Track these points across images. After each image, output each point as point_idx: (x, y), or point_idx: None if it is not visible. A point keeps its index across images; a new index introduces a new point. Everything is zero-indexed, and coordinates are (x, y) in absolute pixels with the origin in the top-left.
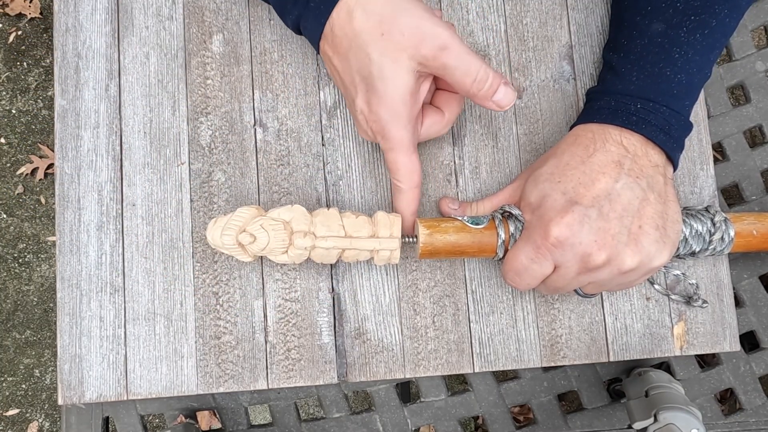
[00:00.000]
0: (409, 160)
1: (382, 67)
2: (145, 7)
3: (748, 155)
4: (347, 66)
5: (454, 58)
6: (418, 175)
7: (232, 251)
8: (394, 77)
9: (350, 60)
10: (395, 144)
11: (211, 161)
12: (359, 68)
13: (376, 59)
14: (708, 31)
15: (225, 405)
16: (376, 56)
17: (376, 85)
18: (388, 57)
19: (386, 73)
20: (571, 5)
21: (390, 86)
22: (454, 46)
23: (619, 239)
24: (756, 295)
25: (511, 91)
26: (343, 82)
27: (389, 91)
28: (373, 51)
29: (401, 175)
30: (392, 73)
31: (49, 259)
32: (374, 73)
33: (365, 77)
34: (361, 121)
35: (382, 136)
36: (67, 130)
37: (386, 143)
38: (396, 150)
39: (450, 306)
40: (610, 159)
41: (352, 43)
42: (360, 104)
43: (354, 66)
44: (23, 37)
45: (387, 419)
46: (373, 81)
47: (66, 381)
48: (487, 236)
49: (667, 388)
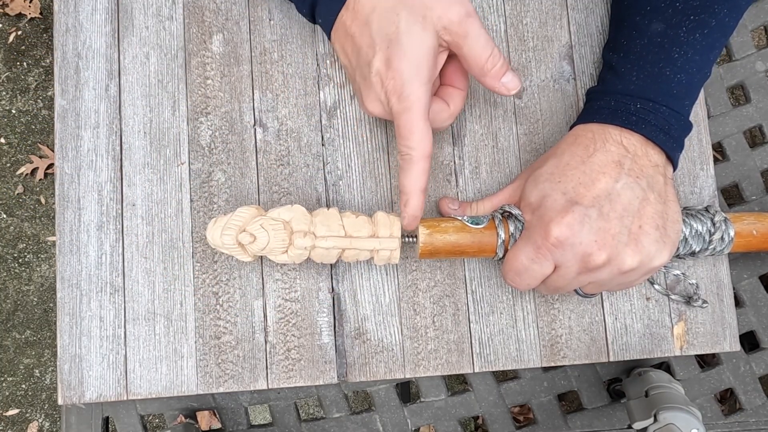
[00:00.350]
0: (424, 123)
1: (409, 23)
2: (145, 7)
3: (748, 155)
4: (367, 29)
5: (477, 29)
6: (431, 143)
7: (232, 251)
8: (421, 34)
9: (372, 22)
10: (413, 102)
11: (211, 161)
12: (382, 26)
13: (404, 16)
14: (707, 31)
15: (225, 405)
16: (405, 14)
17: (402, 40)
18: (417, 15)
19: (413, 29)
20: (571, 5)
21: (415, 41)
22: (477, 18)
23: (619, 239)
24: (756, 295)
25: (517, 78)
26: (359, 49)
27: (414, 46)
28: (402, 9)
29: (415, 140)
30: (419, 30)
31: (49, 259)
32: (401, 28)
33: (388, 34)
34: (375, 83)
35: (398, 95)
36: (67, 130)
37: (401, 103)
38: (413, 110)
39: (450, 306)
40: (611, 159)
41: (378, 5)
42: (377, 64)
43: (376, 26)
44: (23, 37)
45: (387, 419)
46: (399, 36)
47: (66, 381)
48: (487, 236)
49: (667, 388)
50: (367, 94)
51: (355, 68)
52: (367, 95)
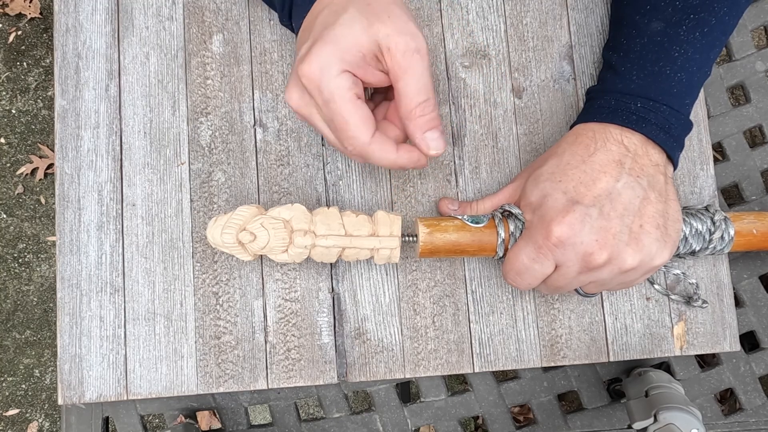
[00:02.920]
0: (353, 105)
1: (352, 19)
2: (145, 7)
3: (748, 155)
4: (312, 22)
5: (421, 69)
6: (372, 121)
7: (233, 250)
8: (358, 32)
9: (320, 15)
10: (333, 90)
11: (211, 161)
12: (327, 18)
13: (350, 12)
14: (707, 30)
15: (225, 405)
16: (352, 10)
17: (335, 29)
18: (364, 17)
19: (354, 24)
20: (571, 5)
21: (348, 34)
22: (425, 59)
23: (620, 238)
24: (756, 295)
25: (443, 141)
26: (298, 42)
27: (345, 36)
28: (352, 7)
29: (354, 128)
30: (359, 27)
31: (49, 259)
32: (340, 20)
33: (326, 24)
34: (297, 76)
35: (317, 85)
36: (67, 130)
37: (322, 95)
38: (336, 99)
39: (450, 306)
40: (611, 158)
41: (333, 2)
42: (303, 50)
43: (320, 19)
44: (23, 37)
45: (387, 419)
46: (335, 26)
47: (66, 381)
48: (487, 235)
49: (667, 388)
50: (289, 81)
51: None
52: (289, 82)
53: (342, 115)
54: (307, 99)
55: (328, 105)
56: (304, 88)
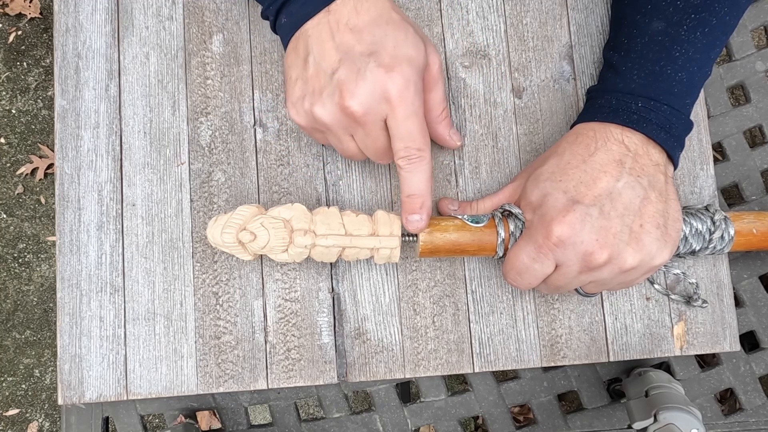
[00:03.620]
0: (422, 120)
1: (416, 38)
2: (145, 7)
3: (748, 155)
4: (372, 28)
5: (444, 82)
6: (429, 139)
7: (233, 249)
8: (423, 51)
9: (380, 23)
10: (419, 107)
11: (211, 161)
12: (389, 30)
13: (411, 32)
14: (708, 29)
15: (225, 405)
16: (412, 31)
17: (408, 49)
18: (419, 37)
19: (419, 43)
20: (571, 5)
21: (418, 53)
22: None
23: (620, 238)
24: (756, 295)
25: (459, 134)
26: (355, 43)
27: (417, 56)
28: (409, 26)
29: (425, 141)
30: (422, 47)
31: (49, 259)
32: (409, 39)
33: (396, 38)
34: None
35: (403, 97)
36: (67, 130)
37: (409, 106)
38: (419, 114)
39: (450, 306)
40: (612, 158)
41: (385, 12)
42: (382, 60)
43: (382, 30)
44: (23, 37)
45: (387, 419)
46: (406, 43)
47: (66, 381)
48: (487, 235)
49: (667, 388)
50: (356, 83)
51: (339, 61)
52: (357, 84)
53: (419, 129)
54: (377, 109)
55: (409, 118)
56: (380, 97)
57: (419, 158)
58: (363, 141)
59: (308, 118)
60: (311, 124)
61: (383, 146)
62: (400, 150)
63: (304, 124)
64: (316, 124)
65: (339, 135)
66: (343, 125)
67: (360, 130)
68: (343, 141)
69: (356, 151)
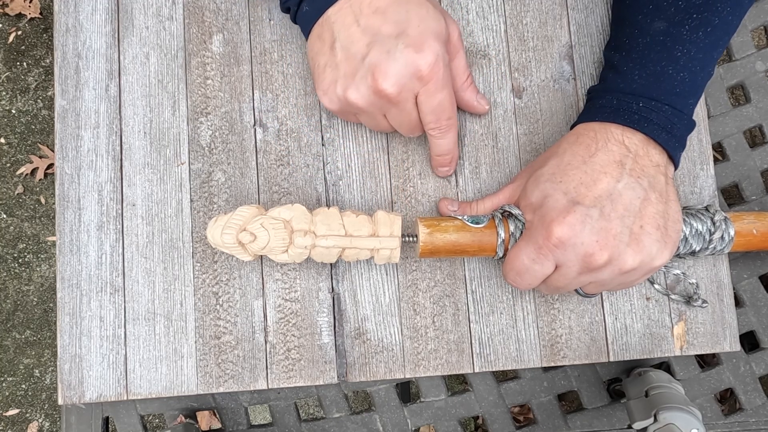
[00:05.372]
0: (451, 91)
1: (437, 13)
2: (145, 7)
3: (748, 155)
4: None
5: (464, 50)
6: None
7: (233, 250)
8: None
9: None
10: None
11: (211, 161)
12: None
13: (431, 8)
14: (710, 29)
15: (225, 405)
16: (431, 6)
17: (431, 23)
18: (439, 11)
19: (440, 18)
20: (571, 5)
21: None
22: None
23: (620, 239)
24: (756, 295)
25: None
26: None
27: (441, 32)
28: (428, 2)
29: (454, 111)
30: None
31: (49, 259)
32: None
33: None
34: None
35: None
36: (67, 130)
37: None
38: (448, 86)
39: (450, 306)
40: (612, 159)
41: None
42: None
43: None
44: (23, 37)
45: (387, 419)
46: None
47: (66, 381)
48: (487, 235)
49: (667, 388)
50: (387, 65)
51: (368, 44)
52: (388, 66)
53: (450, 101)
54: (410, 87)
55: (441, 90)
56: (412, 75)
57: (449, 126)
58: (396, 118)
59: (341, 103)
60: (345, 108)
61: (416, 120)
62: (431, 122)
63: (336, 109)
64: (350, 107)
65: (373, 114)
66: (377, 106)
67: (394, 109)
68: (376, 119)
69: (387, 126)
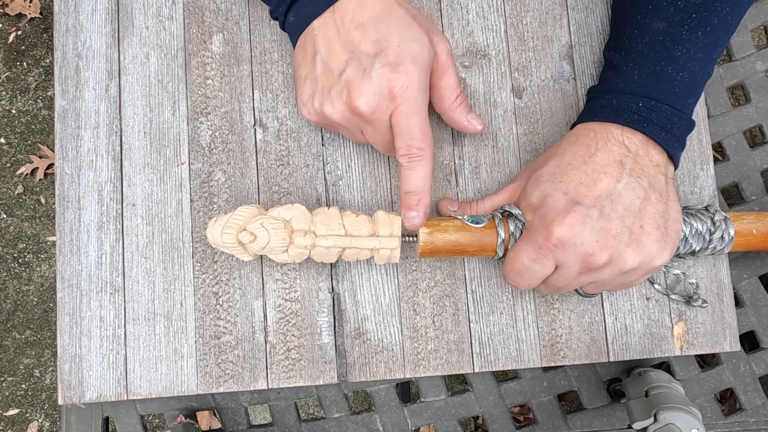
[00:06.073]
0: (425, 119)
1: (420, 33)
2: (145, 8)
3: (748, 155)
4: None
5: (454, 67)
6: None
7: (233, 250)
8: (427, 46)
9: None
10: (422, 105)
11: (211, 161)
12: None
13: (415, 26)
14: (710, 29)
15: (225, 405)
16: (416, 24)
17: (413, 45)
18: (424, 29)
19: (423, 38)
20: (571, 5)
21: (423, 49)
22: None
23: (620, 239)
24: (756, 295)
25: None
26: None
27: (422, 53)
28: (412, 20)
29: (426, 140)
30: (426, 42)
31: (49, 259)
32: (413, 34)
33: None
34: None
35: (405, 96)
36: (67, 130)
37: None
38: (422, 112)
39: (450, 306)
40: (612, 159)
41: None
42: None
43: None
44: (23, 37)
45: (387, 419)
46: (411, 39)
47: (66, 381)
48: (487, 235)
49: (667, 388)
50: (362, 83)
51: (347, 61)
52: (362, 84)
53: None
54: (383, 107)
55: (412, 116)
56: (386, 95)
57: (419, 157)
58: (371, 136)
59: (318, 116)
60: (322, 120)
61: (390, 141)
62: (401, 147)
63: (315, 120)
64: (327, 121)
65: (350, 130)
66: (352, 123)
67: (368, 127)
68: (354, 134)
69: (366, 142)
